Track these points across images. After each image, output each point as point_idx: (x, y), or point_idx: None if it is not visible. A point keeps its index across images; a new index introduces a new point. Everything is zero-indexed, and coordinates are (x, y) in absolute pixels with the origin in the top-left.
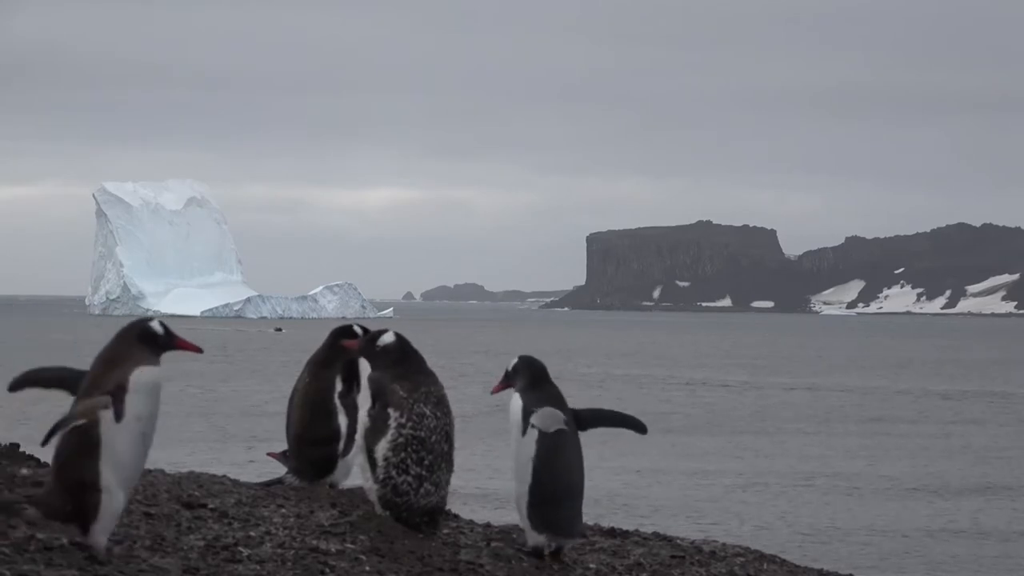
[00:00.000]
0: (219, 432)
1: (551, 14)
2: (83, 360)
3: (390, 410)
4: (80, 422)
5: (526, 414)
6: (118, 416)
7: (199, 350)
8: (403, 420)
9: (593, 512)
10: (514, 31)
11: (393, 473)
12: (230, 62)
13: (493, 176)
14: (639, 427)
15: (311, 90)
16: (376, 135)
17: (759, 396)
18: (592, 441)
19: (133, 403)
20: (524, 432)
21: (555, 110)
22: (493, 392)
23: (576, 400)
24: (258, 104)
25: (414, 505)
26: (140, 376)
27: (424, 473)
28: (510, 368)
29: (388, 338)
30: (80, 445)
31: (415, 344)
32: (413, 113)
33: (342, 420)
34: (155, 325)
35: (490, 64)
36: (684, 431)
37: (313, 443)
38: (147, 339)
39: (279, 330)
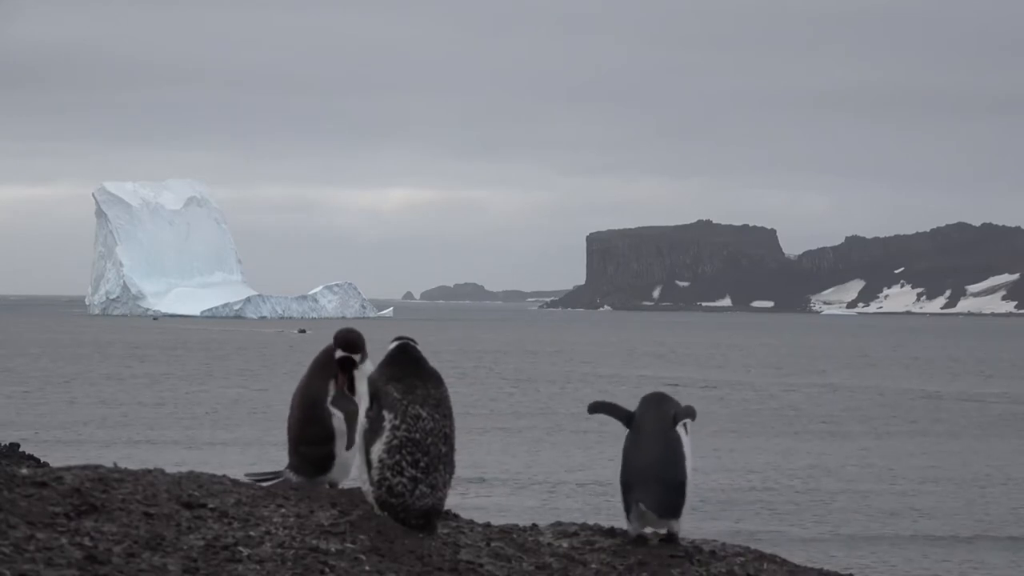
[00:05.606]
0: (231, 434)
1: (556, 15)
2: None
3: (384, 412)
4: None
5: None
6: None
7: None
8: (397, 422)
9: (595, 511)
10: (516, 32)
11: (388, 475)
12: (231, 62)
13: (493, 176)
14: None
15: (313, 90)
16: (377, 136)
17: (761, 396)
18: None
19: None
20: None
21: (557, 111)
22: None
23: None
24: (259, 104)
25: (410, 506)
26: None
27: (419, 475)
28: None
29: (390, 345)
30: None
31: (420, 344)
32: (416, 114)
33: (337, 421)
34: None
35: (494, 65)
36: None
37: (308, 443)
38: None
39: (303, 331)
